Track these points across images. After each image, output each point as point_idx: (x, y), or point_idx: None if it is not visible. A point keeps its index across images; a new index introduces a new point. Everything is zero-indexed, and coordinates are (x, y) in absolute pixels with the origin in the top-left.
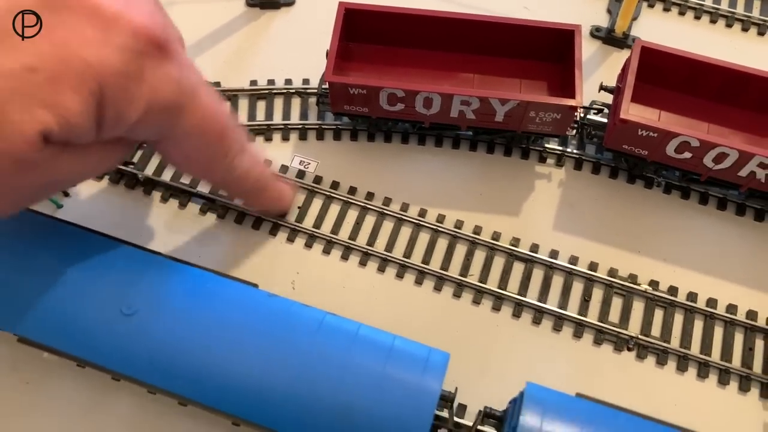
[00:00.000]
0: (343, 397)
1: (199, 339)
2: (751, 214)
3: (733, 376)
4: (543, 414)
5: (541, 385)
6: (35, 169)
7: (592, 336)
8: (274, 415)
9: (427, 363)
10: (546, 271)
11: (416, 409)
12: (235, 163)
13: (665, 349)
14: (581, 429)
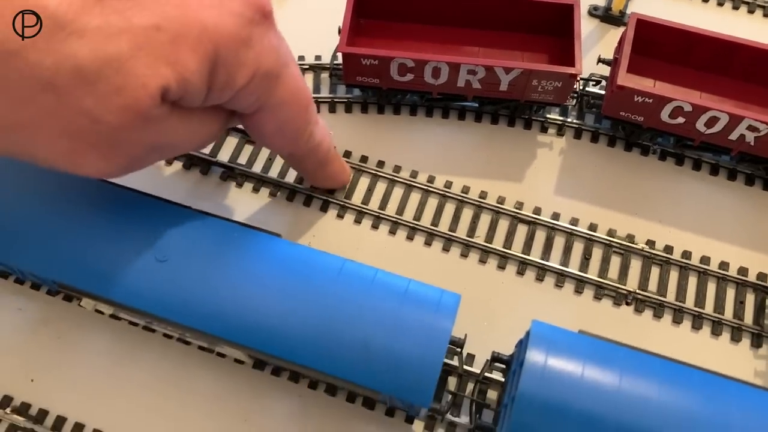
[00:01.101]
0: (361, 334)
1: (226, 282)
2: (742, 179)
3: (725, 327)
4: (548, 349)
5: (546, 323)
6: (151, 125)
7: (592, 292)
8: (297, 349)
9: (440, 303)
10: (548, 232)
11: (430, 343)
12: (315, 132)
13: (661, 303)
14: (585, 362)
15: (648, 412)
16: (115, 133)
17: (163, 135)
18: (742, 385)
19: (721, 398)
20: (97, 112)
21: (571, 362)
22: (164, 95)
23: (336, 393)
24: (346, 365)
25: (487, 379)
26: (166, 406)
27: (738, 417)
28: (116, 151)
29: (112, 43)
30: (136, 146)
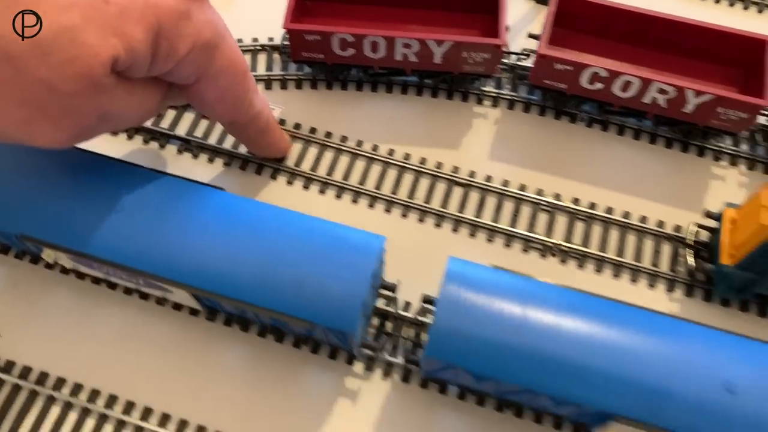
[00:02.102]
0: (295, 271)
1: (175, 229)
2: (662, 143)
3: (643, 274)
4: (462, 281)
5: (463, 259)
6: (101, 94)
7: (521, 245)
8: (240, 287)
9: (365, 242)
10: (481, 192)
11: (355, 275)
12: (254, 100)
13: (585, 254)
14: (497, 293)
15: (555, 337)
16: (69, 101)
17: (112, 105)
18: (647, 311)
19: (625, 322)
20: (52, 81)
21: (483, 293)
22: (114, 64)
23: (283, 340)
24: (282, 300)
25: (422, 322)
26: (126, 355)
27: (640, 340)
28: (68, 120)
29: (65, 15)
30: (87, 115)
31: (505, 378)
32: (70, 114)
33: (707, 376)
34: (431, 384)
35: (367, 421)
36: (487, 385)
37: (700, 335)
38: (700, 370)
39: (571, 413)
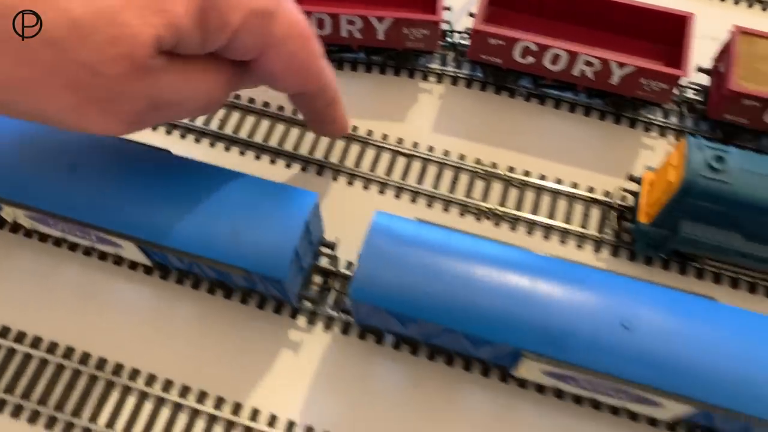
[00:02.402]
0: (232, 223)
1: (126, 185)
2: (595, 115)
3: (572, 236)
4: (387, 231)
5: (389, 213)
6: (148, 77)
7: (457, 209)
8: (181, 238)
9: (298, 196)
10: (423, 162)
11: (288, 224)
12: (324, 67)
13: (517, 217)
14: (420, 242)
15: (470, 281)
16: (114, 84)
17: (163, 90)
18: (554, 258)
19: (535, 268)
20: (95, 64)
21: (404, 240)
22: (158, 44)
23: (231, 296)
24: (219, 249)
25: None
26: (85, 313)
27: (547, 283)
28: (116, 106)
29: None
30: (135, 101)
31: (424, 317)
32: (118, 100)
33: (606, 315)
34: (368, 336)
35: (308, 370)
36: (412, 328)
37: (602, 279)
38: (599, 309)
39: (489, 355)
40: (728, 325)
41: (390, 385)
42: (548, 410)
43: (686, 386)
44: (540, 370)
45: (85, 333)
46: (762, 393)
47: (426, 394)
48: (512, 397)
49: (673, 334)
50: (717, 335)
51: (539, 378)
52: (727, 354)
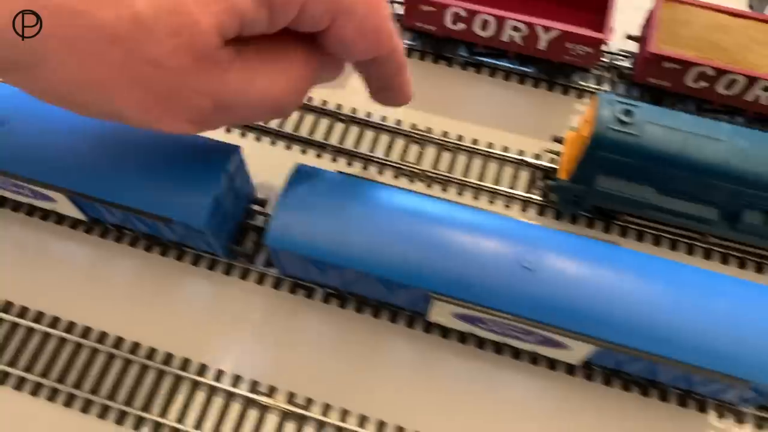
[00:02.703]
0: (155, 174)
1: (52, 143)
2: (529, 83)
3: (501, 197)
4: (302, 182)
5: (310, 165)
6: (213, 70)
7: (392, 171)
8: (107, 188)
9: (221, 149)
10: (361, 127)
11: (207, 175)
12: (393, 28)
13: (448, 179)
14: (335, 192)
15: (381, 227)
16: (176, 79)
17: (230, 85)
18: (464, 206)
19: (446, 215)
20: (157, 57)
21: (320, 190)
22: (221, 31)
23: (167, 253)
24: (144, 199)
25: None
26: (31, 269)
27: (454, 228)
28: (180, 103)
29: None
30: (199, 97)
31: (337, 262)
32: (180, 95)
33: (508, 257)
34: (299, 291)
35: (240, 323)
36: (331, 276)
37: (507, 224)
38: (502, 252)
39: (405, 301)
40: (628, 268)
41: (318, 336)
42: (469, 359)
43: (585, 325)
44: (450, 313)
45: (24, 288)
46: (660, 332)
47: (353, 345)
48: (435, 346)
49: (572, 275)
50: (616, 277)
51: (452, 322)
52: (626, 294)
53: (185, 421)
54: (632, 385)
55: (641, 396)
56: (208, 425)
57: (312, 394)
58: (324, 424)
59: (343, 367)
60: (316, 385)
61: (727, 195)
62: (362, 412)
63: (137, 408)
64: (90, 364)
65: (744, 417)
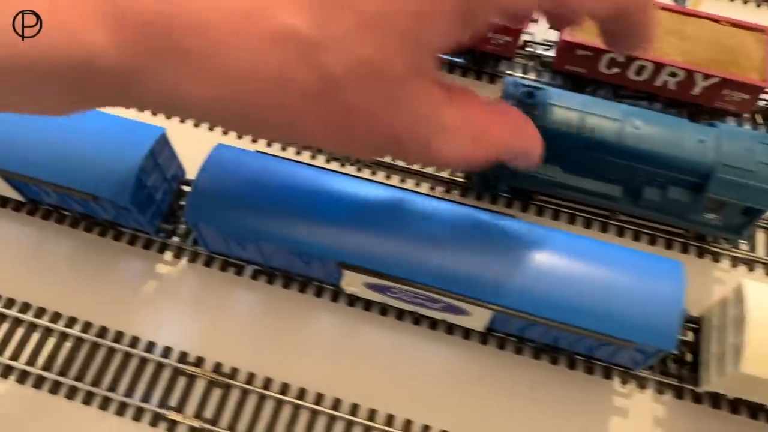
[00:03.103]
0: (79, 152)
1: None
2: (458, 72)
3: (428, 179)
4: (221, 162)
5: (229, 145)
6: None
7: (324, 156)
8: (38, 166)
9: (144, 130)
10: None
11: (131, 150)
12: None
13: (377, 162)
14: (254, 173)
15: (293, 201)
16: (368, 118)
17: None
18: (363, 180)
19: (350, 188)
20: (349, 106)
21: (236, 169)
22: (415, 70)
23: (105, 234)
24: (72, 177)
25: None
26: None
27: (359, 201)
28: (368, 141)
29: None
30: (399, 118)
31: (253, 236)
32: (369, 133)
33: (412, 229)
34: (229, 267)
35: (172, 298)
36: (251, 251)
37: (415, 200)
38: (408, 224)
39: (321, 273)
40: (523, 239)
41: (246, 311)
42: (389, 330)
43: (480, 291)
44: (361, 283)
45: None
46: (550, 298)
47: (279, 319)
48: (357, 319)
49: (471, 246)
50: (512, 247)
51: (365, 293)
52: (519, 263)
53: (118, 390)
54: (542, 354)
55: (550, 364)
56: (138, 394)
57: (238, 365)
58: (247, 392)
59: (268, 340)
60: (243, 356)
61: (626, 172)
62: (284, 380)
63: (71, 378)
64: (27, 339)
65: (646, 383)
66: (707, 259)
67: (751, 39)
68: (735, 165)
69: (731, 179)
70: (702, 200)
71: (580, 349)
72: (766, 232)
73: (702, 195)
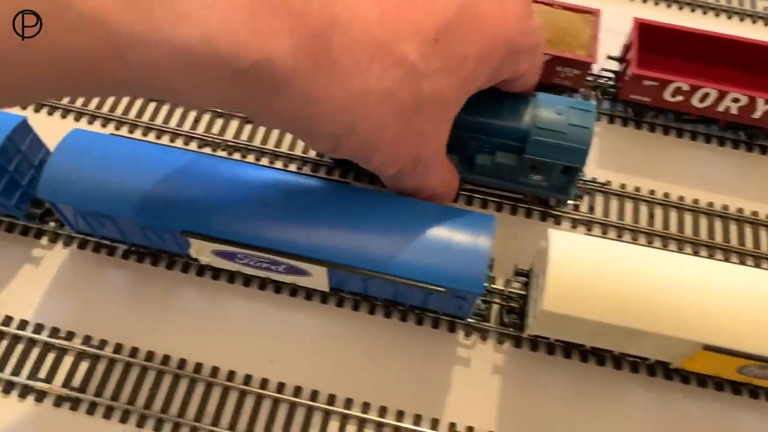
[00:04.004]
0: None
1: None
2: None
3: (309, 163)
4: (76, 144)
5: (87, 130)
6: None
7: (196, 143)
8: None
9: (5, 118)
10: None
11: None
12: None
13: (248, 147)
14: (106, 152)
15: (143, 178)
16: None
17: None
18: (231, 160)
19: (207, 167)
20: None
21: (91, 150)
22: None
23: None
24: None
25: None
26: None
27: (201, 174)
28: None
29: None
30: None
31: (105, 210)
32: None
33: (251, 198)
34: (102, 249)
35: (45, 278)
36: (110, 228)
37: (258, 172)
38: (248, 193)
39: (174, 246)
40: (353, 202)
41: (116, 288)
42: (252, 299)
43: (310, 250)
44: (209, 251)
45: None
46: (373, 253)
47: (147, 295)
48: (222, 292)
49: (303, 210)
50: (341, 209)
51: (215, 261)
52: (345, 223)
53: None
54: (393, 311)
55: (401, 321)
56: (8, 371)
57: (105, 336)
58: (115, 361)
59: (136, 314)
60: (110, 329)
61: (458, 141)
62: (150, 348)
63: None
64: None
65: (487, 334)
66: (550, 222)
67: (581, 21)
68: (548, 128)
69: (545, 141)
70: (525, 162)
71: (416, 302)
72: (602, 195)
73: (523, 157)
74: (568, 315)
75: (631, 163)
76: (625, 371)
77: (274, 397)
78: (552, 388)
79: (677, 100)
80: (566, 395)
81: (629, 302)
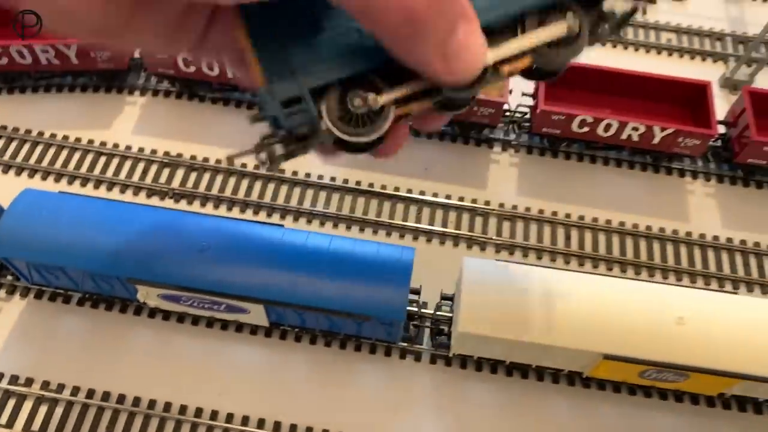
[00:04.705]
0: None
1: None
2: None
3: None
4: (29, 204)
5: (38, 189)
6: None
7: (145, 193)
8: None
9: None
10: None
11: None
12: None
13: (194, 194)
14: (57, 210)
15: (89, 231)
16: None
17: None
18: (160, 209)
19: (144, 218)
20: None
21: (43, 208)
22: None
23: None
24: None
25: None
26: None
27: (138, 225)
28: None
29: None
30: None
31: (54, 261)
32: None
33: (188, 244)
34: (58, 297)
35: (4, 333)
36: (62, 279)
37: (192, 219)
38: (184, 240)
39: (122, 292)
40: (282, 241)
41: (70, 334)
42: (200, 337)
43: (246, 289)
44: (156, 295)
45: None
46: (304, 289)
47: (100, 337)
48: (172, 330)
49: (236, 252)
50: (270, 249)
51: (162, 304)
52: (276, 261)
53: None
54: (333, 340)
55: (340, 349)
56: None
57: (63, 380)
58: (72, 403)
59: (92, 357)
60: (68, 373)
61: None
62: (105, 389)
63: None
64: None
65: (421, 355)
66: (475, 249)
67: None
68: None
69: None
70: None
71: (350, 331)
72: (523, 221)
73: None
74: (483, 335)
75: (548, 190)
76: (547, 382)
77: (223, 427)
78: (481, 402)
79: (584, 131)
80: (494, 408)
81: (536, 320)
